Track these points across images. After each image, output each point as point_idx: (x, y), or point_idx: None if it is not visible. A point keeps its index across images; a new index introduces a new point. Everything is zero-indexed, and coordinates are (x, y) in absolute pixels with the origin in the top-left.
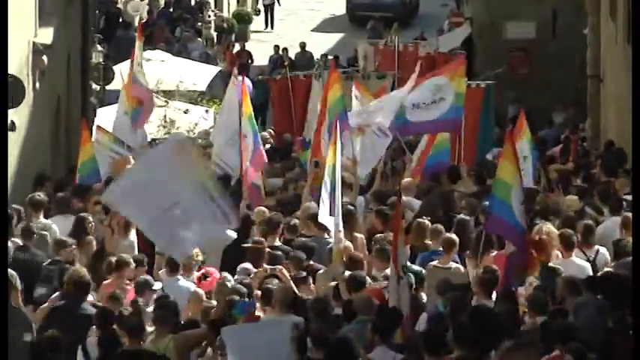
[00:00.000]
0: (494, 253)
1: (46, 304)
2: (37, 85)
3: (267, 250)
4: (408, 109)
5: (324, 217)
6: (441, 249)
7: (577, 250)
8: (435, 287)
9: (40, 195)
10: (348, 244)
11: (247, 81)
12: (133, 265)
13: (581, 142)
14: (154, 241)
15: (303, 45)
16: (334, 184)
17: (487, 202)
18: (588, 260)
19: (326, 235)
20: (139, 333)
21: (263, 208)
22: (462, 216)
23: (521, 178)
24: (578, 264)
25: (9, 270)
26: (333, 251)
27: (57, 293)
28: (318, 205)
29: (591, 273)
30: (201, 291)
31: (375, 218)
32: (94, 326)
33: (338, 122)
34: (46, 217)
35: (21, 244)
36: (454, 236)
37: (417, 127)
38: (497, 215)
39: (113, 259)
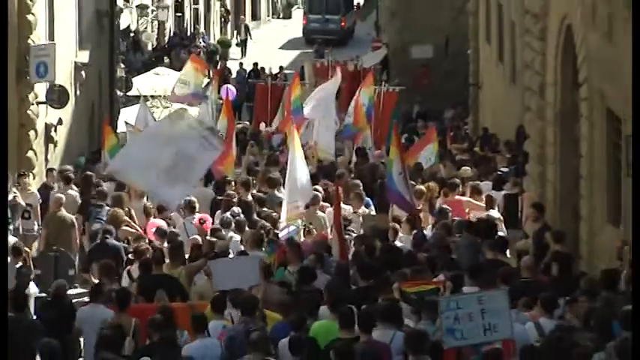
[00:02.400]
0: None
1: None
2: (78, 92)
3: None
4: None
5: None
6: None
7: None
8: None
9: (71, 169)
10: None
11: (231, 88)
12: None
13: (465, 130)
14: (154, 196)
15: (255, 64)
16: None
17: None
18: None
19: (276, 192)
20: (161, 263)
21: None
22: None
23: (402, 155)
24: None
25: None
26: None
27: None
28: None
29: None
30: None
31: None
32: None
33: (294, 116)
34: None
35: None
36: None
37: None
38: (387, 184)
39: (149, 204)
